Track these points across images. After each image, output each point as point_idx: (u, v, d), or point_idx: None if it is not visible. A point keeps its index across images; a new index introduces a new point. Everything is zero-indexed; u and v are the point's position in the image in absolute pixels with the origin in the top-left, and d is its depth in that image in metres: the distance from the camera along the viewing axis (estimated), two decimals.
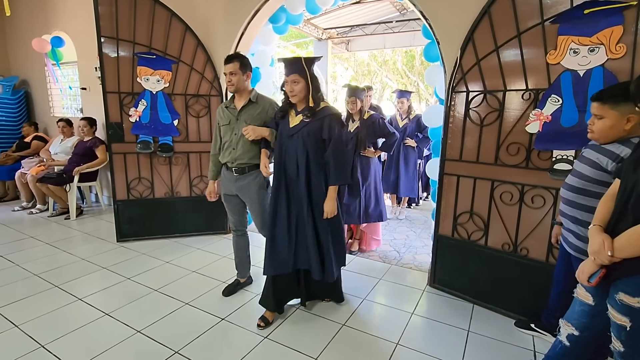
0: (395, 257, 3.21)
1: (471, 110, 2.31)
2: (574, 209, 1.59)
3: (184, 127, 3.40)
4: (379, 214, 3.22)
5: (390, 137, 3.12)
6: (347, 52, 10.00)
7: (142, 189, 3.41)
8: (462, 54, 2.29)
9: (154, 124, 3.31)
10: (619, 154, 1.43)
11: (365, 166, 3.15)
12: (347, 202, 3.11)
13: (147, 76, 3.25)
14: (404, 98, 4.30)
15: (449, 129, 2.42)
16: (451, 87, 2.37)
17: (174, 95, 3.34)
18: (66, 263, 2.92)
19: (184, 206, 3.53)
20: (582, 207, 1.55)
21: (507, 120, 2.17)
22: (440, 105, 2.69)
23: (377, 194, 3.21)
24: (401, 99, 4.30)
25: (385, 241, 3.64)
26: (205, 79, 3.39)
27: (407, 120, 4.28)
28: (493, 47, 2.16)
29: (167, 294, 2.46)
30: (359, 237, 3.35)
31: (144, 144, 3.30)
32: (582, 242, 1.56)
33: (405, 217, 4.46)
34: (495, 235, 2.30)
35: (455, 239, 2.48)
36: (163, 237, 3.50)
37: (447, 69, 2.39)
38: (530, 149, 2.10)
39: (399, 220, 4.34)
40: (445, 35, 2.38)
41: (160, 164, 3.42)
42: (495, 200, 2.28)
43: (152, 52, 3.21)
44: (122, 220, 3.39)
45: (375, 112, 3.18)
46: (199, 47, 3.31)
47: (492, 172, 2.26)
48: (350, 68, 17.17)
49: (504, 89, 2.16)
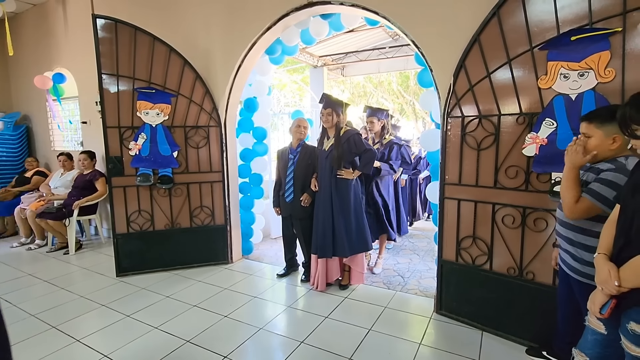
0: (399, 283, 3.16)
1: (467, 134, 2.33)
2: (567, 229, 1.59)
3: (184, 158, 3.43)
4: (364, 243, 2.97)
5: (366, 155, 2.85)
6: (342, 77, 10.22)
7: (141, 221, 3.40)
8: (455, 80, 2.33)
9: (153, 157, 3.33)
10: (602, 169, 1.45)
11: (342, 188, 2.87)
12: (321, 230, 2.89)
13: (147, 110, 3.30)
14: (374, 117, 3.44)
15: (447, 153, 2.43)
16: (446, 112, 2.41)
17: (173, 127, 3.38)
18: (64, 301, 2.86)
19: (184, 237, 3.50)
20: (575, 228, 1.55)
21: (504, 144, 2.19)
22: (437, 130, 2.71)
23: (360, 221, 2.95)
24: (370, 119, 3.46)
25: (388, 265, 3.59)
26: (204, 111, 3.44)
27: (379, 145, 3.48)
28: (485, 73, 2.21)
29: (167, 331, 2.40)
30: (348, 269, 3.08)
31: (143, 176, 3.31)
32: (578, 263, 1.55)
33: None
34: (500, 259, 2.28)
35: (459, 264, 2.45)
36: (163, 270, 3.46)
37: (442, 95, 2.44)
38: (528, 172, 2.11)
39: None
40: (438, 62, 2.44)
41: (160, 195, 3.42)
42: (497, 223, 2.27)
43: (151, 87, 3.27)
44: (121, 255, 3.36)
45: (352, 129, 2.96)
46: (198, 80, 3.38)
47: (492, 195, 2.26)
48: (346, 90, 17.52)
49: (499, 113, 2.20)
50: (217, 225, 3.58)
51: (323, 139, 3.03)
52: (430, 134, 2.82)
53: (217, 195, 3.56)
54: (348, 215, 2.92)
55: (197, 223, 3.53)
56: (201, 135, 3.46)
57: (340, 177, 2.90)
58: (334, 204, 2.90)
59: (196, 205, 3.52)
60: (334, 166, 2.88)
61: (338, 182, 2.91)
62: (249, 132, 3.98)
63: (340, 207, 2.90)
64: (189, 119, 3.42)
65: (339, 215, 2.90)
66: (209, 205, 3.55)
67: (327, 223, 2.90)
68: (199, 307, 2.72)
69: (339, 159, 2.86)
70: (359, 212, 2.98)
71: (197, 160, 3.47)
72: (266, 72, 3.87)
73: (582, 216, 1.48)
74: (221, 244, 3.61)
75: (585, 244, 1.51)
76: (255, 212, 4.10)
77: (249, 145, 3.99)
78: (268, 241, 4.53)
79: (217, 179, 3.54)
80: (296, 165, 3.09)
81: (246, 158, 3.97)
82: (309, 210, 3.07)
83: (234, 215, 3.66)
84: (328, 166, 2.92)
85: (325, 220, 2.91)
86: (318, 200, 3.00)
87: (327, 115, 2.90)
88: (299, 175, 3.08)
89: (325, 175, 2.94)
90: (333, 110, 2.89)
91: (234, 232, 3.68)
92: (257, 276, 3.36)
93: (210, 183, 3.53)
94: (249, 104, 3.90)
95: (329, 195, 2.91)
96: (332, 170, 2.90)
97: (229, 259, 3.64)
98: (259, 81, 3.92)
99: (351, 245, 2.94)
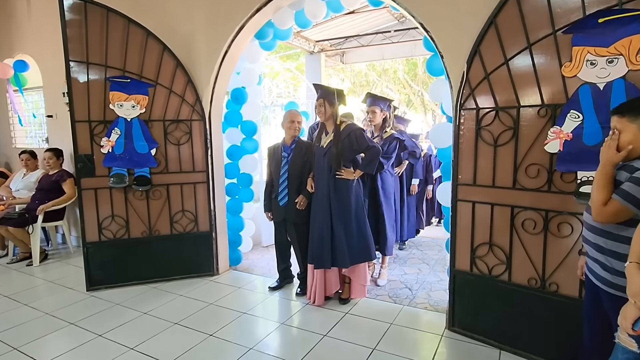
0: (407, 296, 3.17)
1: (483, 129, 2.34)
2: (597, 235, 1.58)
3: (163, 156, 3.42)
4: (366, 251, 2.97)
5: (369, 152, 2.86)
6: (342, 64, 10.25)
7: (115, 228, 3.38)
8: (469, 67, 2.34)
9: (128, 155, 3.32)
10: (637, 167, 1.45)
11: (342, 190, 2.88)
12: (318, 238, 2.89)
13: (121, 102, 3.28)
14: (376, 107, 3.44)
15: (460, 150, 2.44)
16: (459, 104, 2.41)
17: (151, 121, 3.37)
18: (28, 319, 2.84)
19: (164, 246, 3.49)
20: (605, 233, 1.54)
21: (524, 139, 2.20)
22: (448, 123, 2.73)
23: (361, 227, 2.95)
24: (372, 108, 3.46)
25: (394, 276, 3.60)
26: (186, 102, 3.43)
27: (380, 138, 3.48)
28: (502, 59, 2.22)
29: (144, 352, 2.38)
30: (348, 281, 3.07)
31: (117, 177, 3.30)
32: (608, 273, 1.54)
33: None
34: (520, 269, 2.29)
35: (474, 274, 2.46)
36: (140, 283, 3.45)
37: (454, 84, 2.44)
38: (551, 171, 2.12)
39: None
40: (449, 47, 2.44)
41: (136, 199, 3.40)
42: (517, 229, 2.27)
43: (126, 76, 3.26)
44: (92, 266, 3.34)
45: (353, 123, 2.99)
46: (179, 67, 3.38)
47: (511, 197, 2.27)
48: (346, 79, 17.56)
49: (518, 105, 2.20)
50: (201, 232, 3.57)
51: (321, 135, 3.03)
52: (441, 128, 2.82)
53: (200, 198, 3.55)
54: (348, 220, 2.91)
55: (179, 230, 3.52)
56: (183, 130, 3.45)
57: (339, 178, 2.89)
58: (333, 208, 2.90)
59: (177, 209, 3.51)
60: (333, 165, 2.88)
61: (337, 183, 2.90)
62: (236, 126, 3.98)
63: (339, 211, 2.90)
64: (169, 111, 3.40)
65: (338, 221, 2.90)
66: (192, 209, 3.54)
67: (325, 229, 2.90)
68: (181, 325, 2.71)
69: (338, 157, 2.85)
70: (361, 216, 2.97)
71: (178, 158, 3.46)
72: (256, 59, 3.86)
73: (611, 220, 1.48)
74: (206, 254, 3.61)
75: (617, 251, 1.50)
76: (244, 217, 4.09)
77: (237, 142, 3.99)
78: (259, 250, 4.53)
79: (201, 179, 3.54)
80: (290, 163, 3.09)
81: (234, 156, 3.97)
82: (305, 214, 3.07)
83: (220, 221, 3.66)
84: (326, 165, 2.92)
85: (322, 225, 2.91)
86: (315, 203, 3.00)
87: (319, 106, 2.91)
88: (294, 175, 3.08)
89: (323, 175, 2.94)
90: (325, 100, 2.89)
91: (220, 239, 3.67)
92: (246, 289, 3.35)
93: (192, 184, 3.53)
94: (237, 94, 3.89)
95: (327, 198, 2.91)
96: (331, 170, 2.90)
97: (215, 270, 3.63)
98: (248, 69, 3.91)
99: (352, 254, 2.93)
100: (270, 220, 3.30)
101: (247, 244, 4.22)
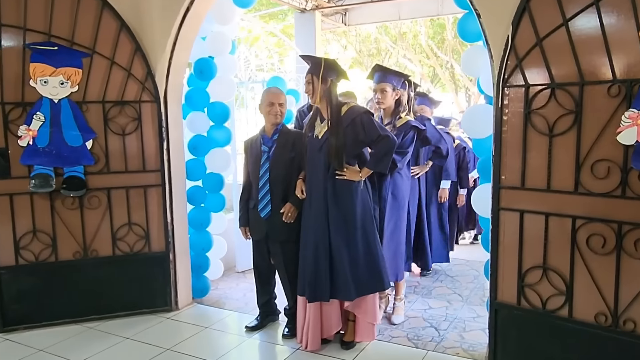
0: (433, 338, 3.17)
1: (534, 113, 2.34)
2: None
3: (103, 150, 3.40)
4: (377, 278, 2.93)
5: (381, 144, 2.83)
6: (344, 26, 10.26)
7: (38, 248, 3.36)
8: (515, 30, 2.34)
9: (56, 149, 3.29)
10: None
11: (344, 196, 2.87)
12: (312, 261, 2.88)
13: (46, 77, 3.26)
14: (387, 84, 3.37)
15: (503, 142, 2.45)
16: (502, 79, 2.41)
17: (86, 103, 3.34)
18: None
19: (104, 272, 3.48)
20: None
21: (589, 127, 2.20)
22: (487, 105, 2.73)
23: (370, 245, 2.93)
24: (382, 85, 3.39)
25: (415, 312, 3.59)
26: (133, 78, 3.42)
27: (392, 126, 3.43)
28: (560, 19, 2.21)
29: None
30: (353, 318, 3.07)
31: (41, 178, 3.26)
32: None
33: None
34: (584, 301, 2.29)
35: (522, 308, 2.46)
36: (72, 322, 3.42)
37: (494, 53, 2.44)
38: (626, 169, 2.12)
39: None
40: (489, 2, 2.44)
41: (66, 208, 3.38)
42: (580, 247, 2.27)
43: (52, 42, 3.23)
44: (7, 299, 3.32)
45: (357, 105, 3.01)
46: (123, 30, 3.36)
47: (572, 205, 2.27)
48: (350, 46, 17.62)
49: (581, 80, 2.20)
50: (154, 253, 3.56)
51: (314, 122, 3.02)
52: (477, 112, 2.82)
53: (153, 207, 3.54)
54: (353, 237, 2.89)
55: (124, 250, 3.50)
56: (129, 115, 3.44)
57: (340, 179, 2.88)
58: (332, 220, 2.88)
59: (122, 222, 3.49)
60: (332, 162, 2.86)
61: (337, 187, 2.89)
62: (202, 110, 3.97)
63: (340, 225, 2.88)
64: (111, 90, 3.39)
65: (338, 237, 2.88)
66: (141, 222, 3.53)
67: (322, 249, 2.88)
68: None
69: (338, 150, 2.83)
70: (369, 231, 2.95)
71: (123, 153, 3.45)
72: (229, 19, 3.85)
73: None
74: (160, 282, 3.59)
75: None
76: (213, 232, 4.08)
77: (203, 131, 3.98)
78: (232, 277, 4.52)
79: (154, 182, 3.52)
80: (273, 160, 3.09)
81: (198, 150, 3.95)
82: (294, 229, 3.06)
83: (179, 238, 3.65)
84: (322, 162, 2.90)
85: (318, 244, 2.89)
86: (307, 214, 2.99)
87: (306, 83, 2.94)
88: (278, 175, 3.08)
89: (318, 176, 2.93)
90: (314, 74, 2.89)
91: (180, 263, 3.66)
92: (215, 330, 3.34)
93: (142, 188, 3.51)
94: (203, 67, 3.87)
95: (324, 207, 2.90)
96: (329, 169, 2.89)
97: (173, 305, 3.61)
98: (217, 33, 3.89)
99: (358, 282, 2.91)
100: (248, 238, 3.29)
101: (216, 268, 4.20)
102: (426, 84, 16.15)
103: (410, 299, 3.80)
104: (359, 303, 2.97)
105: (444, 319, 3.48)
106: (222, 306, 3.76)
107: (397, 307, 3.51)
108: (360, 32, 16.45)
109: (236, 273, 4.61)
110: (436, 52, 15.58)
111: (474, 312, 3.59)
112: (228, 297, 3.95)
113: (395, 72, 3.57)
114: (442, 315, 3.55)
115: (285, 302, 3.32)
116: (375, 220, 3.08)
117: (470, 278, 4.37)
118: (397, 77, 3.48)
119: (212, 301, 3.86)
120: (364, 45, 17.29)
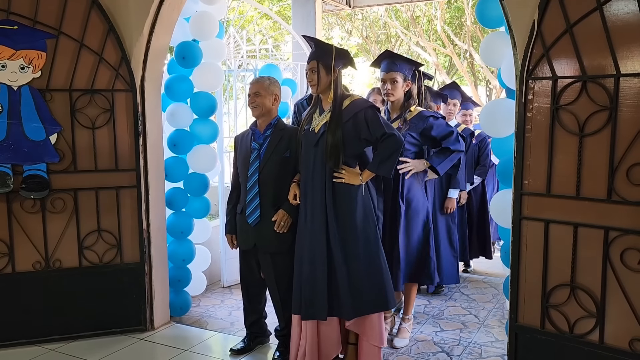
0: None
1: (562, 109, 2.34)
2: None
3: (69, 146, 3.40)
4: (380, 296, 2.93)
5: (386, 143, 2.83)
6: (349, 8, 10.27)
7: None
8: (542, 14, 2.33)
9: (14, 143, 3.29)
10: None
11: (343, 201, 2.88)
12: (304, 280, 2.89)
13: (4, 61, 3.25)
14: (397, 73, 3.37)
15: (527, 142, 2.46)
16: (526, 71, 2.42)
17: (50, 91, 3.34)
18: None
19: (69, 285, 3.46)
20: None
21: (625, 126, 2.20)
22: (509, 100, 2.73)
23: (373, 257, 2.93)
24: (391, 75, 3.39)
25: (425, 334, 3.59)
26: (106, 63, 3.42)
27: (401, 122, 3.44)
28: (594, 3, 2.21)
29: None
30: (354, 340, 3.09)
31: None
32: None
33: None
34: (617, 324, 2.29)
35: (546, 332, 2.47)
36: (31, 342, 3.41)
37: (518, 40, 2.44)
38: None
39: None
40: None
41: (26, 211, 3.37)
42: (614, 263, 2.27)
43: (11, 20, 3.22)
44: None
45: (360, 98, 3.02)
46: (94, 8, 3.36)
47: (605, 215, 2.27)
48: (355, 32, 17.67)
49: (616, 72, 2.20)
50: (127, 265, 3.56)
51: (312, 114, 3.02)
52: (496, 107, 2.83)
53: (126, 212, 3.54)
54: (354, 248, 2.89)
55: (92, 260, 3.50)
56: (100, 106, 3.44)
57: (339, 182, 2.88)
58: (330, 229, 2.88)
59: (90, 228, 3.49)
60: (329, 163, 2.86)
61: (336, 191, 2.88)
62: (184, 101, 3.97)
63: (339, 234, 2.88)
64: (79, 77, 3.39)
65: (337, 248, 2.87)
66: (113, 228, 3.52)
67: (318, 261, 2.88)
68: None
69: (336, 148, 2.83)
70: (372, 242, 2.94)
71: (93, 150, 3.45)
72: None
73: None
74: (134, 298, 3.58)
75: None
76: (195, 241, 4.08)
77: (185, 125, 3.97)
78: (216, 292, 4.53)
79: (128, 182, 3.53)
80: (263, 160, 3.09)
81: (179, 147, 3.94)
82: (287, 239, 3.06)
83: (156, 247, 3.65)
84: (319, 161, 2.90)
85: (314, 256, 2.89)
86: (302, 223, 2.99)
87: (310, 72, 2.92)
88: (269, 177, 3.08)
89: (313, 178, 2.93)
90: (320, 62, 2.88)
91: (157, 276, 3.66)
92: (196, 353, 3.34)
93: (115, 190, 3.51)
94: (186, 52, 3.85)
95: (321, 213, 2.89)
96: (327, 170, 2.88)
97: (148, 324, 3.61)
98: (202, 13, 3.89)
99: (359, 299, 2.90)
100: (235, 247, 3.30)
101: (198, 283, 4.20)
102: (441, 76, 16.17)
103: (419, 319, 3.79)
104: (361, 322, 2.96)
105: (457, 343, 3.47)
106: (205, 326, 3.77)
107: (402, 329, 3.51)
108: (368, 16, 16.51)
109: (221, 288, 4.61)
110: (453, 39, 15.61)
111: (492, 336, 3.58)
112: (211, 316, 3.95)
113: (407, 60, 3.57)
114: (456, 339, 3.54)
115: (276, 322, 3.30)
116: (379, 231, 3.06)
117: (488, 297, 4.37)
118: (409, 66, 3.48)
119: (193, 320, 3.86)
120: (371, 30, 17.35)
